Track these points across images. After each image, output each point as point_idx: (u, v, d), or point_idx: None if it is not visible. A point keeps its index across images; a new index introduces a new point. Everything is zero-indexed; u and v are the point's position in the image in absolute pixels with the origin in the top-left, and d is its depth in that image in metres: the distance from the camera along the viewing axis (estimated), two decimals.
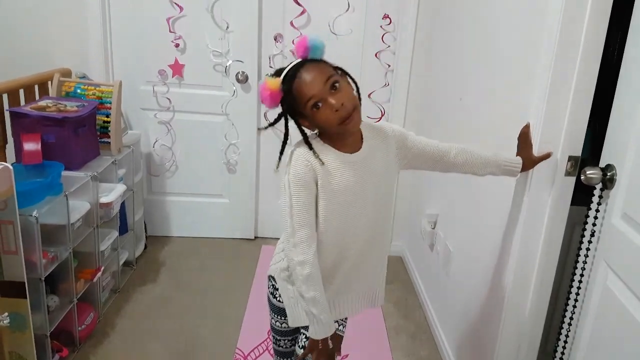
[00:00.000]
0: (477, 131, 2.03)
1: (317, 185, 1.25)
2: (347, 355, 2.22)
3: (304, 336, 1.43)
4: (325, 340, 1.30)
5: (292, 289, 1.36)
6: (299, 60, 1.23)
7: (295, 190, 1.23)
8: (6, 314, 1.56)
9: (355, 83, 1.29)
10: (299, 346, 1.47)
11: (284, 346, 1.56)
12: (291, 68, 1.22)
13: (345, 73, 1.27)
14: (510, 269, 1.63)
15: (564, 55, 1.39)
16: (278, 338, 1.55)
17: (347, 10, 2.82)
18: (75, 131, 2.15)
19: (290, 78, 1.21)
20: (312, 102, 1.19)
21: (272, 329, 1.54)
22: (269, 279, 1.46)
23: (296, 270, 1.26)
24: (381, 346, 2.32)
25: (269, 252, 3.13)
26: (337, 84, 1.20)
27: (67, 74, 2.67)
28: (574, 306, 1.48)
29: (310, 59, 1.23)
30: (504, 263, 1.69)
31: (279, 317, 1.48)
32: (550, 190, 1.51)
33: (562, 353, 1.52)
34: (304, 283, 1.25)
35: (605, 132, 1.36)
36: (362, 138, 1.31)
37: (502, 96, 1.80)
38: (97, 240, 2.20)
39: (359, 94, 1.28)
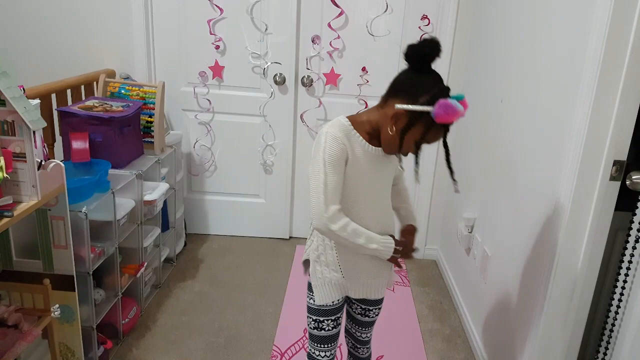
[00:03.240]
0: (518, 133, 2.00)
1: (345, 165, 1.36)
2: (382, 357, 2.23)
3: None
4: (397, 251, 1.42)
5: (319, 270, 1.49)
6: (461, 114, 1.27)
7: (330, 170, 1.33)
8: (57, 305, 1.62)
9: None
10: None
11: (327, 327, 1.56)
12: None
13: None
14: (551, 276, 1.61)
15: (610, 58, 1.37)
16: (321, 319, 1.56)
17: (385, 11, 2.82)
18: (121, 130, 2.22)
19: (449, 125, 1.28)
20: (421, 144, 1.30)
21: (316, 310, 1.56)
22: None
23: (340, 235, 1.34)
24: (416, 349, 2.32)
25: (303, 252, 3.17)
26: None
27: (111, 75, 2.75)
28: (616, 312, 1.46)
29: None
30: (544, 269, 1.66)
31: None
32: (594, 195, 1.48)
33: None
34: (351, 238, 1.35)
35: None
36: None
37: (546, 99, 1.78)
38: (140, 236, 2.27)
39: None
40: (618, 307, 1.45)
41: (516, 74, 2.08)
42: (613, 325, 1.47)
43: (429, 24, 2.83)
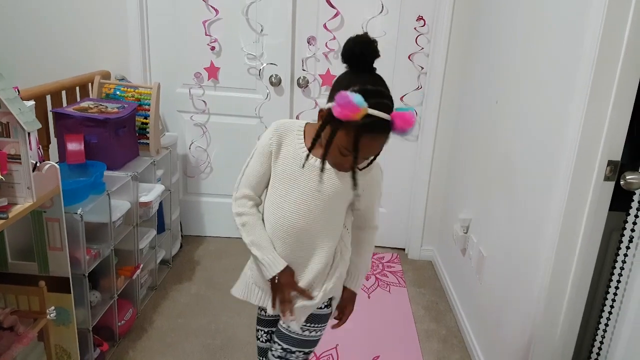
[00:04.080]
0: (513, 134, 2.01)
1: (272, 157, 1.32)
2: (378, 357, 2.23)
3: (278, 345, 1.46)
4: (278, 279, 1.33)
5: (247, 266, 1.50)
6: (388, 120, 1.13)
7: (254, 157, 1.34)
8: (53, 307, 1.62)
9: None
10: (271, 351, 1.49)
11: (261, 338, 1.62)
12: (379, 124, 1.13)
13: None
14: (545, 275, 1.62)
15: (605, 59, 1.38)
16: (257, 328, 1.62)
17: (380, 12, 2.83)
18: (116, 132, 2.22)
19: (367, 127, 1.12)
20: (346, 151, 1.17)
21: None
22: None
23: (235, 220, 1.38)
24: (412, 349, 2.32)
25: None
26: (372, 158, 1.24)
27: (106, 76, 2.75)
28: (610, 312, 1.47)
29: (397, 132, 1.15)
30: (539, 269, 1.67)
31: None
32: (589, 195, 1.49)
33: None
34: (242, 231, 1.37)
35: None
36: None
37: (541, 100, 1.78)
38: (136, 238, 2.27)
39: None
40: (612, 306, 1.46)
41: (511, 75, 2.09)
42: (607, 325, 1.48)
43: (424, 25, 2.84)
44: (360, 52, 1.15)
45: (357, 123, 1.10)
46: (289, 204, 1.31)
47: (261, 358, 1.63)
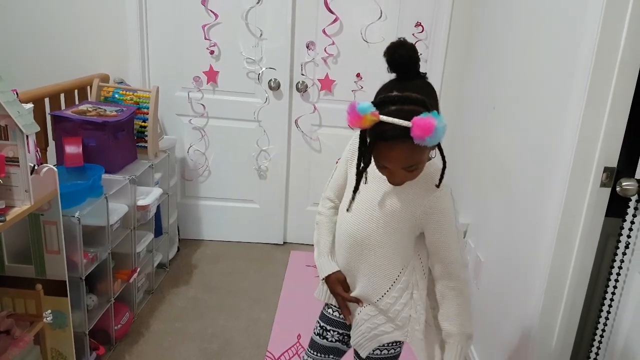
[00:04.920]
0: (510, 140, 2.02)
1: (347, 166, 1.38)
2: None
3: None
4: (329, 282, 1.40)
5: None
6: (407, 126, 1.06)
7: (340, 161, 1.41)
8: (49, 311, 1.62)
9: (441, 151, 1.19)
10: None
11: (330, 338, 1.53)
12: (393, 131, 1.08)
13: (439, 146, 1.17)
14: (542, 281, 1.62)
15: (601, 66, 1.39)
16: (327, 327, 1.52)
17: (379, 18, 2.84)
18: (115, 135, 2.22)
19: (380, 135, 1.10)
20: (380, 163, 1.18)
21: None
22: None
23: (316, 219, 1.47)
24: (410, 354, 2.32)
25: (298, 258, 3.19)
26: (412, 167, 1.16)
27: (105, 79, 2.76)
28: (607, 318, 1.47)
29: (416, 140, 1.07)
30: (536, 274, 1.67)
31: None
32: (585, 201, 1.50)
33: None
34: (316, 227, 1.46)
35: None
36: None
37: (538, 106, 1.79)
38: (133, 241, 2.27)
39: (441, 152, 1.20)
40: (609, 312, 1.46)
41: (509, 81, 2.09)
42: (604, 330, 1.48)
43: (422, 31, 2.85)
44: (400, 62, 1.14)
45: (372, 131, 1.12)
46: (352, 213, 1.32)
47: (313, 351, 1.54)
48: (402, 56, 1.13)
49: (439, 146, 1.16)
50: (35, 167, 1.46)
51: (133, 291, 2.36)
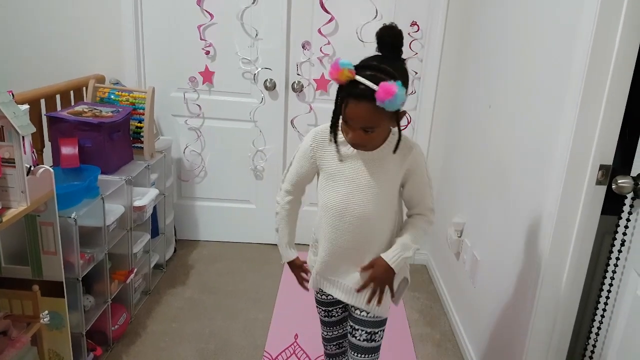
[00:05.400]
0: (506, 139, 2.03)
1: (316, 162, 1.46)
2: None
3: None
4: (291, 266, 1.65)
5: (311, 252, 1.65)
6: (374, 89, 1.21)
7: (297, 157, 1.50)
8: (46, 312, 1.61)
9: (399, 124, 1.35)
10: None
11: (321, 314, 1.72)
12: (362, 90, 1.23)
13: (397, 115, 1.32)
14: (539, 279, 1.63)
15: (596, 64, 1.40)
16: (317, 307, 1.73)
17: (374, 18, 2.84)
18: (111, 136, 2.21)
19: (351, 92, 1.26)
20: (345, 119, 1.32)
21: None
22: None
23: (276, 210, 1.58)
24: (407, 354, 2.33)
25: None
26: (369, 131, 1.30)
27: (101, 80, 2.75)
28: (602, 316, 1.48)
29: (377, 102, 1.22)
30: (532, 272, 1.68)
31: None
32: (581, 199, 1.51)
33: None
34: (276, 217, 1.59)
35: (637, 141, 1.36)
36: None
37: (533, 104, 1.80)
38: (130, 242, 2.26)
39: (398, 124, 1.35)
40: (604, 310, 1.47)
41: (504, 80, 2.10)
42: (599, 328, 1.49)
43: (418, 30, 2.86)
44: (386, 41, 1.32)
45: (346, 87, 1.26)
46: (348, 198, 1.42)
47: (328, 328, 1.73)
48: (389, 36, 1.31)
49: (397, 123, 1.33)
50: (32, 168, 1.46)
51: (130, 292, 2.35)
